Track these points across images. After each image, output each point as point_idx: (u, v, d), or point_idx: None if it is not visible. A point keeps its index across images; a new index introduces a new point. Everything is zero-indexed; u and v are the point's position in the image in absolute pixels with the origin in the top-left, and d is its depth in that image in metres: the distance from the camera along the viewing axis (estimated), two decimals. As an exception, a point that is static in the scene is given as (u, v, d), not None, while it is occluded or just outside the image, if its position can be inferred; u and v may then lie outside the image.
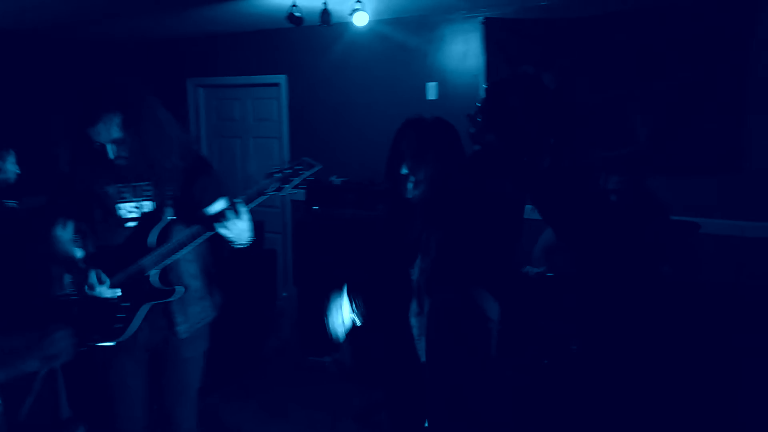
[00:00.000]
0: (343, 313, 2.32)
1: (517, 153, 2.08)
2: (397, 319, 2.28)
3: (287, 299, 5.27)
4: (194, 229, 1.97)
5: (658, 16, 3.63)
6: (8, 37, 4.81)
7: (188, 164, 2.09)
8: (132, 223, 2.08)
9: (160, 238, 2.02)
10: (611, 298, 2.59)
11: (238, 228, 1.90)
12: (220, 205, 1.99)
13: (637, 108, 3.75)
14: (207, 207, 2.06)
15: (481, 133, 2.15)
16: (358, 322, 2.33)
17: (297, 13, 3.84)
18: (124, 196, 2.07)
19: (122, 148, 1.95)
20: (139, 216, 2.08)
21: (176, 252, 1.99)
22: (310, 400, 3.71)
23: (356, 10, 3.86)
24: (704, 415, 2.74)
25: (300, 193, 4.91)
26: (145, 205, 2.08)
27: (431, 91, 4.50)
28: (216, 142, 5.91)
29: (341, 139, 4.99)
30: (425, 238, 2.16)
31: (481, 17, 4.18)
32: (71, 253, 2.14)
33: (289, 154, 5.29)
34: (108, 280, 1.99)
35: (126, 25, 4.88)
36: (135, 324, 2.06)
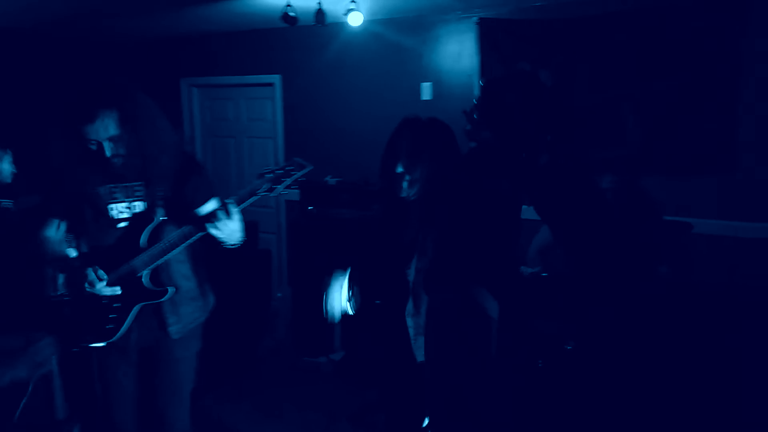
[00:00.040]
0: (342, 294, 2.30)
1: (513, 150, 2.07)
2: (393, 319, 2.28)
3: (282, 300, 5.27)
4: (185, 230, 1.97)
5: (653, 17, 3.64)
6: (1, 35, 4.78)
7: (180, 164, 2.09)
8: (123, 224, 2.07)
9: (151, 239, 2.02)
10: (606, 298, 2.60)
11: (229, 228, 1.90)
12: (211, 206, 1.99)
13: (631, 109, 3.77)
14: (198, 207, 2.07)
15: (478, 130, 2.14)
16: (351, 311, 2.31)
17: (291, 13, 3.83)
18: (116, 196, 2.07)
19: (119, 146, 1.94)
20: (131, 216, 2.08)
21: (168, 252, 1.99)
22: (305, 401, 3.71)
23: (351, 10, 3.86)
24: (699, 414, 2.75)
25: (294, 194, 4.90)
26: (137, 206, 2.08)
27: (426, 91, 4.50)
28: (210, 142, 5.89)
29: (336, 139, 4.98)
30: (421, 238, 2.16)
31: (476, 18, 4.19)
32: (63, 253, 2.14)
33: (284, 154, 5.28)
34: (106, 277, 1.99)
35: (120, 25, 4.86)
36: (127, 324, 2.06)
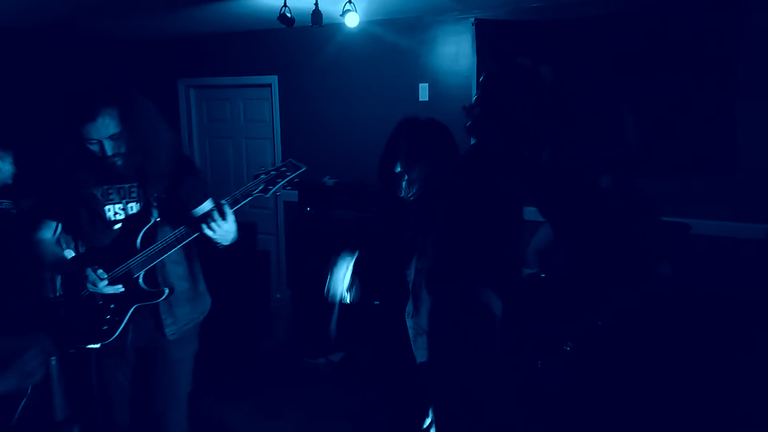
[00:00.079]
0: (347, 276, 2.29)
1: (515, 145, 2.05)
2: (393, 319, 2.28)
3: (281, 300, 5.27)
4: (180, 231, 1.98)
5: (652, 18, 3.64)
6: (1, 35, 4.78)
7: (175, 166, 2.10)
8: (119, 225, 2.08)
9: (146, 240, 2.02)
10: (606, 298, 2.60)
11: (223, 229, 1.91)
12: (206, 207, 1.99)
13: (630, 109, 3.77)
14: (193, 208, 2.07)
15: (478, 126, 2.13)
16: (348, 299, 2.30)
17: (288, 14, 3.83)
18: (112, 197, 2.07)
19: (120, 144, 1.95)
20: (126, 218, 2.08)
21: (163, 253, 1.99)
22: (305, 401, 3.71)
23: (347, 11, 3.85)
24: (698, 414, 2.76)
25: (293, 195, 4.90)
26: (132, 207, 2.09)
27: (423, 92, 4.50)
28: (207, 143, 5.89)
29: (333, 140, 4.98)
30: (421, 238, 2.15)
31: (473, 18, 4.19)
32: (58, 255, 2.14)
33: (281, 155, 5.27)
34: (107, 276, 1.99)
35: (117, 26, 4.85)
36: (122, 325, 2.06)
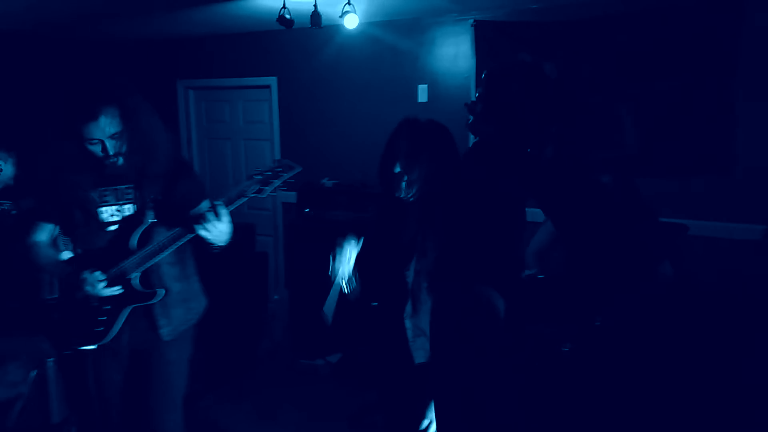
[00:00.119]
0: (351, 260, 2.27)
1: (518, 143, 2.03)
2: (391, 320, 2.27)
3: (279, 302, 5.26)
4: (175, 232, 1.97)
5: (651, 19, 3.64)
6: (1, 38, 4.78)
7: (171, 167, 2.10)
8: (113, 227, 2.08)
9: (141, 241, 2.02)
10: (605, 298, 2.59)
11: (218, 230, 1.91)
12: (202, 208, 1.99)
13: (628, 110, 3.77)
14: (189, 210, 2.07)
15: (481, 123, 2.10)
16: (346, 289, 2.29)
17: (287, 15, 3.83)
18: (107, 199, 2.07)
19: (121, 142, 1.96)
20: (121, 219, 2.08)
21: (157, 254, 1.99)
22: (303, 402, 3.71)
23: (347, 12, 3.85)
24: (697, 414, 2.76)
25: (291, 196, 4.90)
26: (127, 209, 2.09)
27: (422, 93, 4.50)
28: (206, 144, 5.89)
29: (332, 141, 4.98)
30: (420, 239, 2.15)
31: (472, 20, 4.19)
32: (53, 257, 2.14)
33: (280, 156, 5.27)
34: (104, 279, 1.98)
35: (116, 27, 4.85)
36: (117, 327, 2.06)
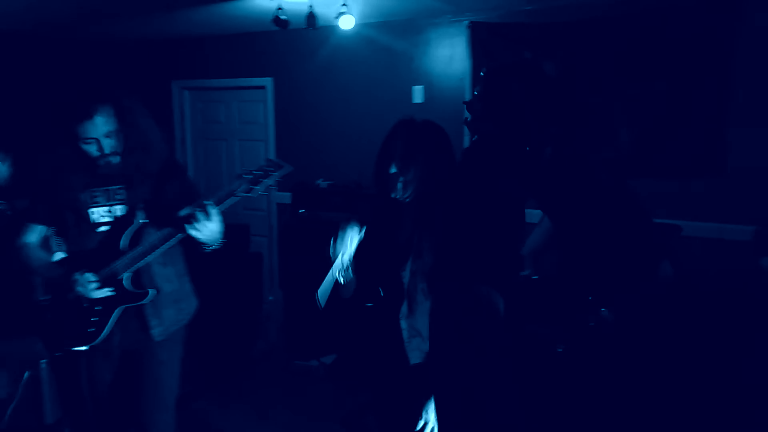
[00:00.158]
0: (351, 246, 2.25)
1: (517, 141, 2.02)
2: (386, 321, 2.27)
3: (273, 303, 5.25)
4: (165, 232, 1.97)
5: (644, 21, 3.65)
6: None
7: (162, 167, 2.10)
8: (104, 228, 2.07)
9: (132, 242, 2.02)
10: (604, 298, 2.59)
11: (208, 230, 1.91)
12: (191, 208, 1.99)
13: (622, 111, 3.78)
14: (178, 209, 2.08)
15: (479, 121, 2.09)
16: (342, 280, 2.27)
17: (283, 16, 3.83)
18: (97, 200, 2.07)
19: (117, 141, 1.96)
20: (112, 220, 2.08)
21: (148, 255, 1.99)
22: (296, 404, 3.70)
23: (342, 13, 3.86)
24: (692, 414, 2.77)
25: (286, 196, 4.90)
26: (118, 209, 2.09)
27: (417, 94, 4.51)
28: (201, 145, 5.88)
29: (327, 141, 4.98)
30: (416, 240, 2.14)
31: (467, 21, 4.20)
32: (43, 259, 2.14)
33: (275, 156, 5.26)
34: (96, 280, 1.98)
35: (111, 27, 4.84)
36: (108, 327, 2.06)
